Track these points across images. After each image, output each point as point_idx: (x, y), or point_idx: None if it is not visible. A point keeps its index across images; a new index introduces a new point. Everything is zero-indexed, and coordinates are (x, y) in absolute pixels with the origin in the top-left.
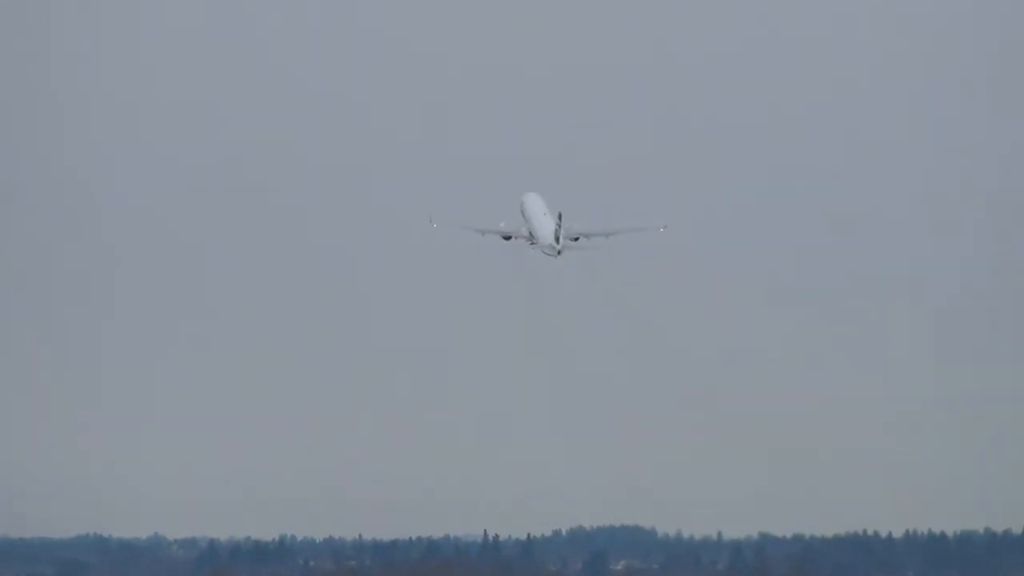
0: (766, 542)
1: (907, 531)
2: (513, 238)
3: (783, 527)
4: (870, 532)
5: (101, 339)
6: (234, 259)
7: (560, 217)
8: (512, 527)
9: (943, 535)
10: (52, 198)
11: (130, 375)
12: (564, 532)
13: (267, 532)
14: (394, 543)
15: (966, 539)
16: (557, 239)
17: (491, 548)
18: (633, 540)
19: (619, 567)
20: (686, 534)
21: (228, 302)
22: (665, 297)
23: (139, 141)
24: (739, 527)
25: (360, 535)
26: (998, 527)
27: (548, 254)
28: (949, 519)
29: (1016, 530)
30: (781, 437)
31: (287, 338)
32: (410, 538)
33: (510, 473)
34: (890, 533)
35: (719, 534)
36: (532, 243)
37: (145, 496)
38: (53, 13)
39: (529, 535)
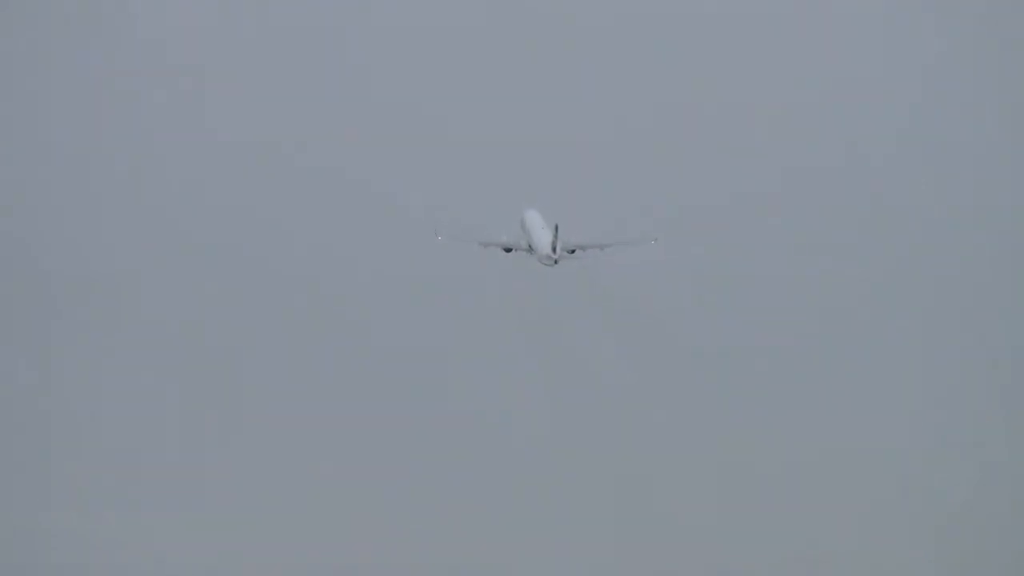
0: None
1: None
2: (513, 250)
3: None
4: None
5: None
6: (230, 273)
7: (556, 229)
8: None
9: None
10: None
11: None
12: None
13: None
14: None
15: None
16: (554, 249)
17: None
18: None
19: None
20: None
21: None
22: (663, 308)
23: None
24: None
25: None
26: None
27: (546, 264)
28: None
29: None
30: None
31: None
32: None
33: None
34: None
35: None
36: (531, 253)
37: None
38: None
39: None
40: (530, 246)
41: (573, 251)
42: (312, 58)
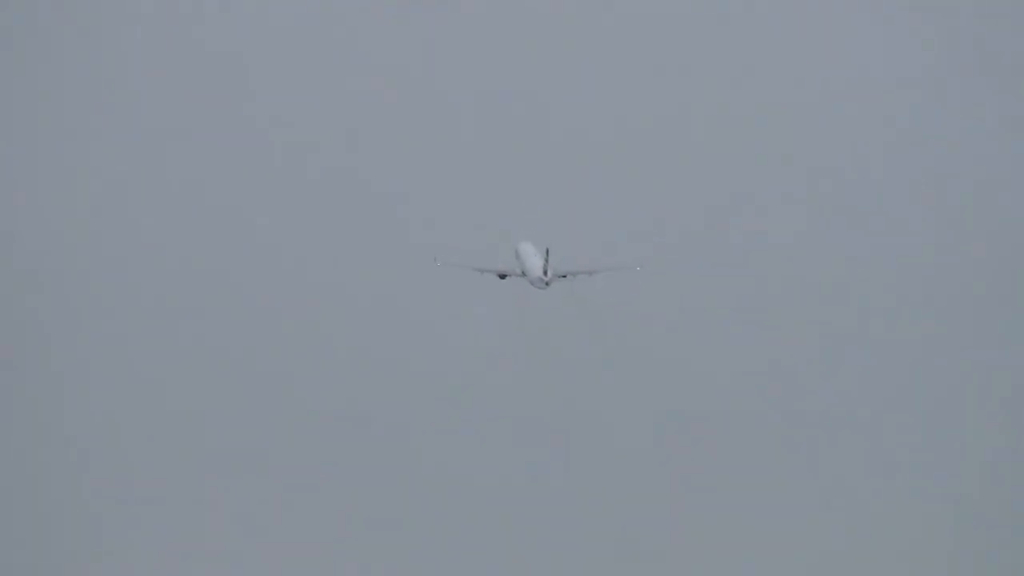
0: None
1: None
2: (508, 277)
3: None
4: None
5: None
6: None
7: (547, 253)
8: None
9: None
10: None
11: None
12: None
13: None
14: None
15: None
16: (545, 272)
17: None
18: None
19: None
20: None
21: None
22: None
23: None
24: None
25: None
26: None
27: (538, 287)
28: None
29: None
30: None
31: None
32: None
33: None
34: None
35: None
36: (524, 278)
37: None
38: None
39: None
40: (523, 273)
41: (564, 276)
42: (312, 58)
